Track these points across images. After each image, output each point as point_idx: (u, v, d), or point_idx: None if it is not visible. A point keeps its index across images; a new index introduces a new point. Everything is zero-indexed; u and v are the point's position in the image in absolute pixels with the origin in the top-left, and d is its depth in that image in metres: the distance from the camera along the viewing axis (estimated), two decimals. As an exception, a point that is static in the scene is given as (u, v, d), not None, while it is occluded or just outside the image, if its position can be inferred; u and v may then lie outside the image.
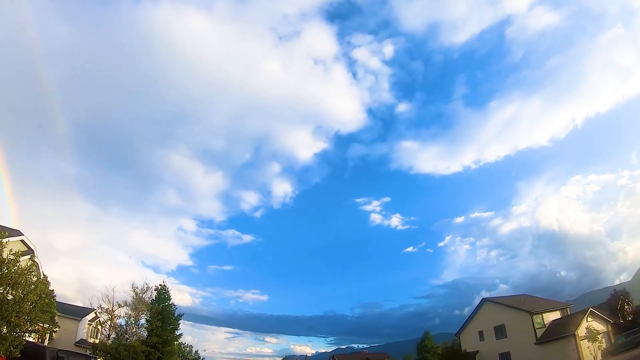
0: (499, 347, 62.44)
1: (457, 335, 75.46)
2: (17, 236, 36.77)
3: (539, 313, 58.79)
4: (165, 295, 63.98)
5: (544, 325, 57.81)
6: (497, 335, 63.41)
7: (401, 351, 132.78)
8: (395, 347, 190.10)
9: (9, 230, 31.51)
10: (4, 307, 22.47)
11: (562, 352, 52.28)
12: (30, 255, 37.61)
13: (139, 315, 60.18)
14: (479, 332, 67.89)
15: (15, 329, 23.36)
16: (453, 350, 72.74)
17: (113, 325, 59.36)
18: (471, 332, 70.27)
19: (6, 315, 22.48)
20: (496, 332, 63.82)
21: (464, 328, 72.58)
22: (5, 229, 30.13)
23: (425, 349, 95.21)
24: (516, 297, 68.66)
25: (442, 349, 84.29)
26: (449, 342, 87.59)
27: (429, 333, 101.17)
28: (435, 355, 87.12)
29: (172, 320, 62.68)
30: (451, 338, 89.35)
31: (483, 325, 67.33)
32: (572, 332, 51.98)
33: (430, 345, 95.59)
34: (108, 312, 58.92)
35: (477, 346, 67.35)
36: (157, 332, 58.31)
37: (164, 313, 60.73)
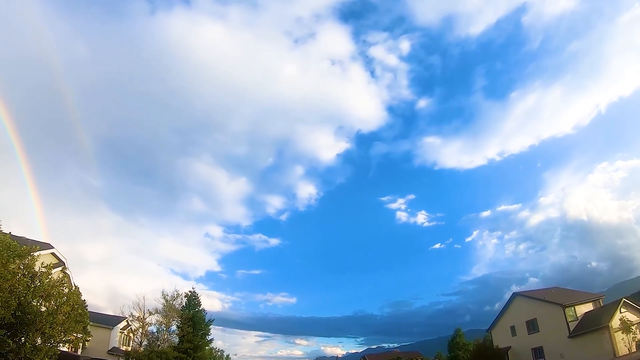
0: (531, 342, 61.50)
1: (488, 332, 74.56)
2: (48, 249, 37.55)
3: (571, 306, 57.70)
4: (195, 302, 64.58)
5: (576, 318, 56.70)
6: (529, 330, 62.45)
7: (432, 349, 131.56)
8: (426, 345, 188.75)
9: (39, 244, 32.18)
10: (38, 318, 22.93)
11: (596, 345, 51.24)
12: (62, 267, 38.37)
13: (170, 322, 60.83)
14: (511, 327, 66.96)
15: (50, 339, 23.83)
16: (485, 347, 71.78)
17: (145, 332, 60.08)
18: (503, 327, 69.36)
19: (40, 326, 22.94)
20: (528, 326, 62.87)
21: (496, 324, 71.67)
22: (36, 243, 30.77)
23: (456, 347, 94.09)
24: (547, 290, 67.54)
25: (473, 346, 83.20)
26: (480, 339, 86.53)
27: (460, 330, 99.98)
28: (467, 352, 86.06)
29: (203, 326, 63.22)
30: (483, 334, 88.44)
31: (515, 320, 66.40)
32: (606, 324, 50.89)
33: (462, 343, 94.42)
34: (139, 319, 59.62)
35: (509, 342, 66.45)
36: (189, 338, 58.86)
37: (195, 319, 61.30)
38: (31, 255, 25.18)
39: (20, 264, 23.88)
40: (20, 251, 24.37)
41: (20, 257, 24.09)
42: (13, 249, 23.83)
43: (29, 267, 24.40)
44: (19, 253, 24.18)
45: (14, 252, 23.67)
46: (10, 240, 23.87)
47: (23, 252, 24.55)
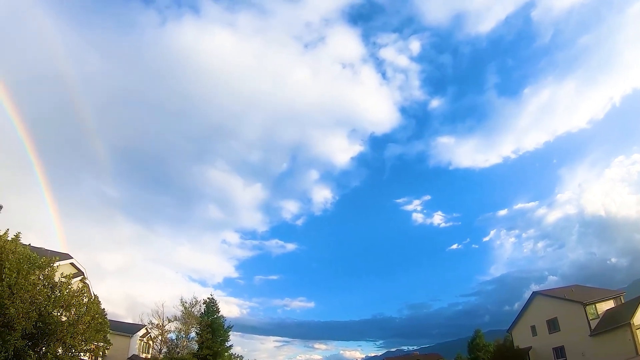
0: (552, 342, 60.81)
1: (508, 332, 73.89)
2: (67, 259, 38.06)
3: (592, 303, 56.96)
4: (214, 308, 65.06)
5: (597, 315, 55.97)
6: (550, 329, 61.76)
7: (452, 351, 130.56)
8: (446, 347, 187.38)
9: (58, 255, 32.64)
10: (59, 328, 23.24)
11: (618, 343, 50.49)
12: (81, 277, 38.84)
13: (189, 329, 61.34)
14: (531, 327, 66.27)
15: (71, 349, 24.14)
16: (505, 348, 71.19)
17: (164, 339, 60.63)
18: (523, 327, 68.69)
19: (61, 336, 23.25)
20: (549, 326, 62.18)
21: (516, 324, 71.00)
22: (55, 254, 31.20)
23: (476, 348, 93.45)
24: (567, 289, 66.80)
25: (494, 347, 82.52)
26: (500, 339, 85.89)
27: (480, 331, 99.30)
28: (488, 353, 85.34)
29: (222, 332, 63.63)
30: (503, 335, 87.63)
31: (535, 319, 65.71)
32: (627, 321, 50.13)
33: (482, 344, 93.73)
34: (159, 327, 60.21)
35: (530, 342, 65.77)
36: (208, 344, 59.27)
37: (214, 325, 61.73)
38: (51, 266, 25.54)
39: (40, 274, 24.25)
40: (40, 262, 24.72)
41: (40, 269, 24.45)
42: (33, 260, 24.17)
43: (49, 278, 24.77)
44: (39, 264, 24.53)
45: (34, 264, 24.01)
46: (29, 252, 24.22)
47: (43, 264, 24.90)
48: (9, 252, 21.92)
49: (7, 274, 20.75)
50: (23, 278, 21.60)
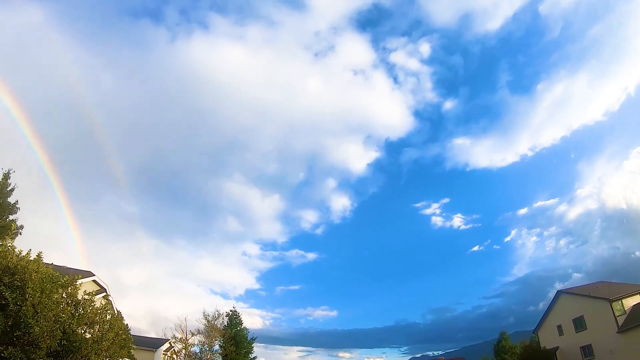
0: (579, 341, 59.95)
1: (534, 333, 73.11)
2: (89, 277, 38.56)
3: (618, 299, 56.07)
4: (237, 320, 65.35)
5: (624, 311, 55.03)
6: (577, 328, 60.93)
7: (478, 355, 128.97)
8: (472, 350, 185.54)
9: (81, 272, 33.08)
10: (84, 346, 23.50)
11: (648, 338, 49.76)
12: (104, 294, 39.30)
13: (212, 342, 61.53)
14: (557, 326, 65.49)
15: (96, 366, 24.36)
16: (532, 349, 70.23)
17: (188, 353, 60.80)
18: (549, 327, 67.91)
19: (86, 353, 23.50)
20: (575, 324, 61.36)
21: (541, 324, 70.22)
22: (77, 272, 31.63)
23: (502, 350, 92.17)
24: (592, 285, 65.96)
25: (520, 349, 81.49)
26: (527, 341, 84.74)
27: (505, 333, 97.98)
28: (514, 355, 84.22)
29: (246, 344, 63.82)
30: (529, 336, 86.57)
31: (560, 319, 64.94)
32: (656, 316, 49.46)
33: (508, 346, 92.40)
34: (182, 341, 60.44)
35: (557, 342, 64.94)
36: (232, 357, 59.44)
37: (237, 338, 61.94)
38: (74, 284, 25.87)
39: (64, 293, 24.58)
40: (63, 281, 25.06)
41: (63, 287, 24.78)
42: (56, 279, 24.50)
43: (72, 296, 25.09)
44: (62, 283, 24.87)
45: (57, 283, 24.35)
46: (52, 271, 24.55)
47: (66, 282, 25.24)
48: (32, 272, 22.25)
49: (30, 294, 21.05)
50: (47, 297, 21.90)
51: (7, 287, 21.04)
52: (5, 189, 39.10)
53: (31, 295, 20.95)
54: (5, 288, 20.92)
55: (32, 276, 21.87)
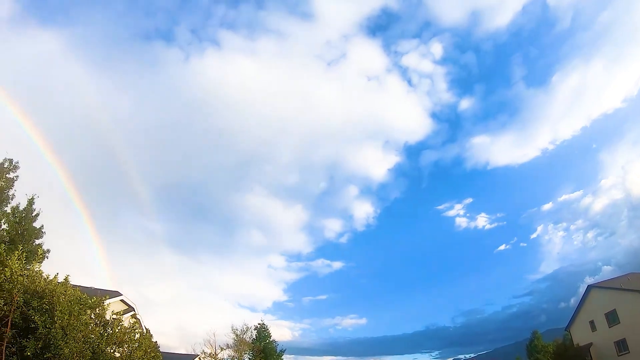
0: (613, 335, 58.67)
1: (567, 330, 71.82)
2: (116, 296, 39.05)
3: (651, 291, 55.04)
4: (265, 333, 65.47)
5: (658, 303, 53.97)
6: (610, 323, 59.68)
7: (511, 355, 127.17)
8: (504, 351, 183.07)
9: (108, 293, 33.51)
10: (113, 365, 23.78)
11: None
12: (132, 313, 39.71)
13: (242, 356, 61.61)
14: (590, 322, 64.26)
15: (126, 384, 24.60)
16: (565, 347, 69.01)
17: (218, 368, 60.97)
18: (581, 323, 66.67)
19: (116, 372, 23.77)
20: (607, 319, 60.11)
21: (573, 321, 68.98)
22: (105, 292, 32.01)
23: (535, 350, 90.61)
24: (623, 278, 64.72)
25: (553, 347, 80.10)
26: (559, 339, 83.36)
27: (537, 332, 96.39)
28: (547, 354, 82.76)
29: (275, 356, 63.88)
30: (561, 334, 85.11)
31: (592, 314, 63.73)
32: (691, 306, 48.29)
33: (541, 345, 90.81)
34: (211, 356, 60.59)
35: (590, 338, 63.70)
36: (262, 369, 59.50)
37: (266, 350, 62.01)
38: (102, 305, 26.19)
39: (92, 314, 24.90)
40: (90, 303, 25.38)
41: (91, 308, 25.10)
42: (84, 301, 24.83)
43: (101, 317, 25.41)
44: (89, 305, 25.19)
45: (85, 305, 24.67)
46: (80, 294, 24.90)
47: (94, 304, 25.56)
48: (60, 295, 22.62)
49: (59, 316, 21.40)
50: (75, 319, 22.22)
51: (36, 310, 21.44)
52: (30, 215, 39.86)
53: (60, 317, 21.30)
54: (34, 312, 21.32)
55: (61, 299, 22.23)
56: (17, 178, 40.60)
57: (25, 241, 37.90)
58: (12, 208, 40.15)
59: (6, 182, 39.74)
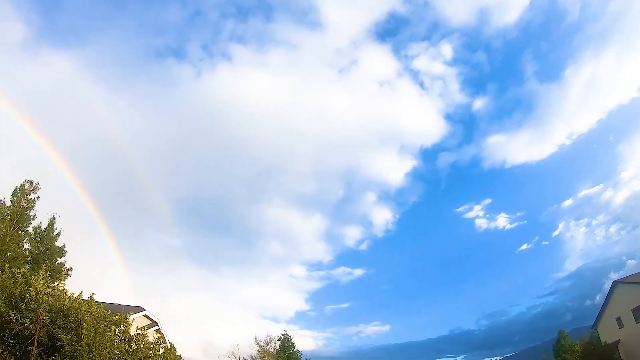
0: (641, 331, 57.78)
1: (593, 328, 70.75)
2: (140, 312, 39.38)
3: (678, 284, 54.11)
4: (289, 344, 65.52)
5: (686, 296, 53.00)
6: (637, 318, 58.46)
7: (537, 356, 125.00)
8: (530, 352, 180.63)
9: (132, 308, 33.86)
10: (139, 380, 23.96)
11: None
12: (155, 327, 40.00)
13: (266, 367, 61.64)
14: (617, 319, 63.18)
15: (151, 399, 24.77)
16: (592, 345, 67.97)
17: (242, 380, 61.05)
18: (608, 321, 65.62)
19: (142, 387, 23.94)
20: (635, 315, 58.98)
21: (600, 318, 67.93)
22: (128, 308, 32.36)
23: (562, 350, 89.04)
24: (648, 272, 63.81)
25: (580, 346, 78.86)
26: (586, 337, 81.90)
27: (563, 331, 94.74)
28: (575, 354, 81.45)
29: (299, 366, 63.75)
30: (588, 332, 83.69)
31: (619, 310, 62.64)
32: None
33: (568, 345, 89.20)
34: (236, 368, 60.79)
35: (617, 335, 62.60)
36: (286, 380, 59.43)
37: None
38: (126, 322, 26.44)
39: (116, 330, 25.15)
40: (115, 320, 25.64)
41: (116, 325, 25.36)
42: (109, 318, 25.09)
43: (125, 333, 25.64)
44: (114, 321, 25.45)
45: (110, 322, 24.92)
46: (105, 311, 25.16)
47: (118, 321, 25.81)
48: (85, 313, 22.87)
49: (85, 334, 21.65)
50: (101, 336, 22.46)
51: (62, 328, 21.70)
52: (52, 234, 40.57)
53: (86, 335, 21.54)
54: (60, 330, 21.59)
55: (86, 317, 22.49)
56: (38, 199, 41.33)
57: (48, 260, 38.53)
58: (34, 228, 40.97)
59: (28, 203, 40.47)
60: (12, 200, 39.82)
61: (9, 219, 38.62)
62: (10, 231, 38.13)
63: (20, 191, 40.37)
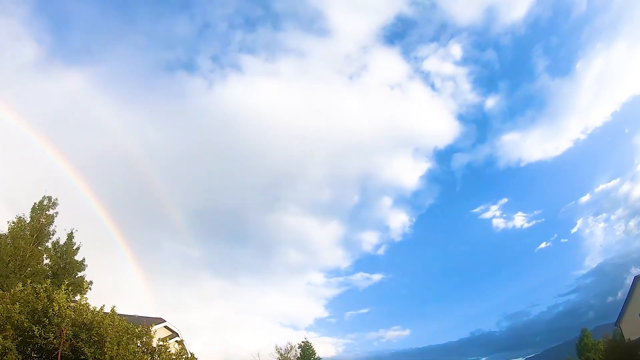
0: (665, 327, 56.92)
1: (616, 325, 69.72)
2: (161, 323, 39.63)
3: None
4: (310, 351, 65.26)
5: None
6: (661, 314, 57.97)
7: (561, 356, 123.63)
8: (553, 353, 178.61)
9: (153, 320, 33.99)
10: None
11: None
12: (176, 338, 40.15)
13: (287, 375, 61.60)
14: None
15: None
16: (616, 343, 67.02)
17: (264, 388, 61.06)
18: (631, 317, 64.59)
19: (165, 398, 24.05)
20: (658, 311, 58.39)
21: (622, 315, 66.90)
22: (150, 320, 32.52)
23: (585, 349, 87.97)
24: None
25: (603, 344, 77.84)
26: (609, 335, 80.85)
27: (586, 329, 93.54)
28: (598, 352, 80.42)
29: (321, 373, 63.59)
30: (611, 329, 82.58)
31: (642, 306, 61.95)
32: None
33: (591, 343, 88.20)
34: (257, 376, 60.81)
35: (642, 331, 61.82)
36: (308, 387, 59.28)
37: (311, 368, 61.81)
38: (148, 334, 26.60)
39: (139, 342, 25.30)
40: (137, 332, 25.80)
41: (138, 337, 25.52)
42: (131, 331, 25.26)
43: (148, 345, 25.78)
44: (137, 334, 25.61)
45: (132, 334, 25.10)
46: (127, 324, 25.34)
47: (141, 333, 25.98)
48: (108, 326, 23.06)
49: (108, 347, 21.82)
50: (124, 348, 22.62)
51: (85, 342, 21.91)
52: (71, 248, 41.03)
53: (109, 348, 21.72)
54: (83, 344, 21.79)
55: (108, 330, 22.68)
56: (56, 214, 41.84)
57: (68, 274, 38.96)
58: (53, 243, 41.48)
59: (47, 219, 41.01)
60: (31, 217, 40.43)
61: (29, 235, 39.19)
62: (30, 247, 38.68)
63: (39, 207, 41.00)
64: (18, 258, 37.17)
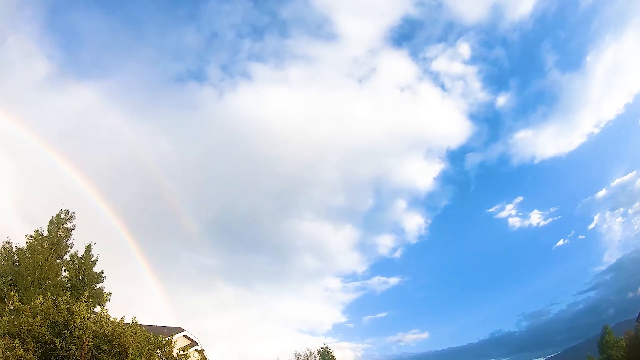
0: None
1: (638, 321, 68.96)
2: (180, 332, 39.89)
3: None
4: (329, 356, 65.23)
5: None
6: (684, 309, 57.08)
7: (582, 355, 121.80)
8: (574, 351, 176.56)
9: (172, 329, 34.26)
10: (184, 399, 24.18)
11: None
12: (195, 347, 40.32)
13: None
14: (661, 310, 61.60)
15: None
16: (638, 339, 66.14)
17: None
18: (653, 313, 63.94)
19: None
20: (681, 306, 57.53)
21: (644, 311, 66.24)
22: (169, 329, 32.76)
23: (607, 346, 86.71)
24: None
25: (625, 341, 76.77)
26: (631, 331, 79.81)
27: (607, 326, 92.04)
28: (620, 349, 79.29)
29: (339, 378, 63.43)
30: (632, 325, 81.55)
31: (664, 302, 61.06)
32: None
33: (612, 340, 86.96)
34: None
35: (664, 327, 60.94)
36: (328, 393, 59.17)
37: (331, 373, 61.71)
38: (169, 344, 26.73)
39: (159, 351, 25.43)
40: (158, 342, 25.95)
41: (159, 347, 25.65)
42: (152, 341, 25.41)
43: (168, 354, 25.91)
44: (157, 344, 25.75)
45: (154, 345, 25.24)
46: (148, 334, 25.49)
47: (161, 343, 26.12)
48: (129, 337, 23.21)
49: (130, 358, 21.95)
50: (145, 359, 22.74)
51: (107, 353, 22.04)
52: (89, 261, 41.36)
53: (131, 359, 21.84)
54: (105, 355, 21.93)
55: (130, 341, 22.82)
56: (74, 227, 42.23)
57: (87, 286, 39.26)
58: (71, 256, 41.83)
59: (64, 232, 41.40)
60: (49, 230, 40.81)
61: (47, 249, 39.56)
62: (49, 260, 39.05)
63: (56, 221, 41.39)
64: (37, 271, 37.55)
